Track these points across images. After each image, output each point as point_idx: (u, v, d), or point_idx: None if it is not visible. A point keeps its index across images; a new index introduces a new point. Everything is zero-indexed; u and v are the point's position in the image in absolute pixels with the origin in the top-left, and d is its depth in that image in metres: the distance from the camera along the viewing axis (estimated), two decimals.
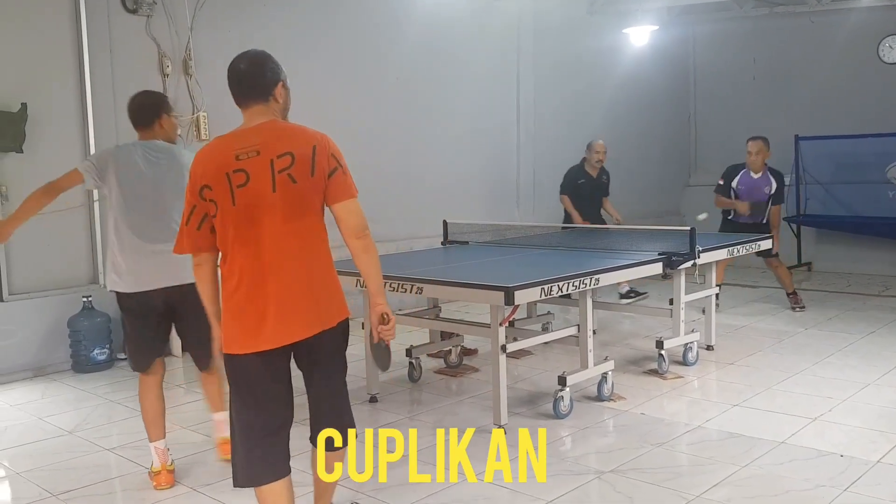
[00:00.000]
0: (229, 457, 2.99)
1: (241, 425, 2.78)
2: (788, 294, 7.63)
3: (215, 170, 2.70)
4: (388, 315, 2.89)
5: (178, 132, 4.05)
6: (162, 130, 3.96)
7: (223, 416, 3.96)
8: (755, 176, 7.38)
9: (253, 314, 2.68)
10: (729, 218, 7.51)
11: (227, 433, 3.64)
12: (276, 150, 2.69)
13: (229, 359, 2.75)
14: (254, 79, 2.86)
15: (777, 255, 7.35)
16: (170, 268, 3.72)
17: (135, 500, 3.69)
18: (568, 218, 7.85)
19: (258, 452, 2.76)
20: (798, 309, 7.52)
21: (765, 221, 7.39)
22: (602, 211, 8.14)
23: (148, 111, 3.94)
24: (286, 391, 2.82)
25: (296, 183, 2.67)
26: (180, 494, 3.74)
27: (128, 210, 3.79)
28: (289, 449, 2.84)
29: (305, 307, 2.72)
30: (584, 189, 7.92)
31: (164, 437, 3.88)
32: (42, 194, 3.86)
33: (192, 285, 3.18)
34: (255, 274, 2.68)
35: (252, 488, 2.81)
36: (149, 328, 3.88)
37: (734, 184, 7.44)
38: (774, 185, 7.33)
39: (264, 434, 2.77)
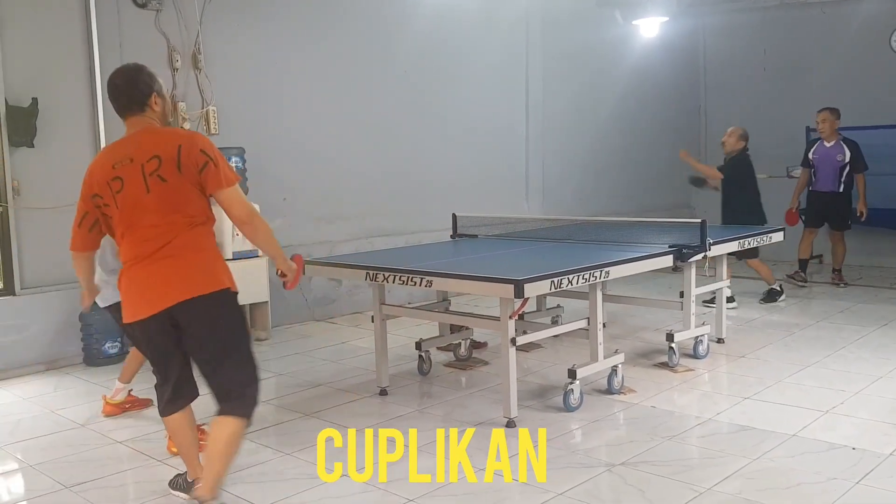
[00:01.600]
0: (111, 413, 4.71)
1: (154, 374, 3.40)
2: (835, 270, 8.35)
3: (100, 179, 3.14)
4: (282, 272, 3.40)
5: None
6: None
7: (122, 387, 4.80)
8: (828, 145, 8.10)
9: (136, 291, 3.14)
10: (810, 189, 8.27)
11: (119, 398, 4.80)
12: (146, 155, 3.07)
13: (128, 326, 3.26)
14: (128, 93, 3.19)
15: (843, 230, 8.24)
16: None
17: (146, 493, 3.71)
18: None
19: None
20: (842, 286, 8.22)
21: (841, 190, 8.09)
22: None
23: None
24: (172, 346, 3.22)
25: (166, 182, 3.05)
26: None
27: None
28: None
29: (179, 280, 3.09)
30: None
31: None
32: None
33: None
34: (140, 260, 3.12)
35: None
36: None
37: (810, 154, 8.23)
38: (848, 154, 7.99)
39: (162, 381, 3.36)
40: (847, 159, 7.99)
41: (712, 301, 7.23)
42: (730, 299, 7.39)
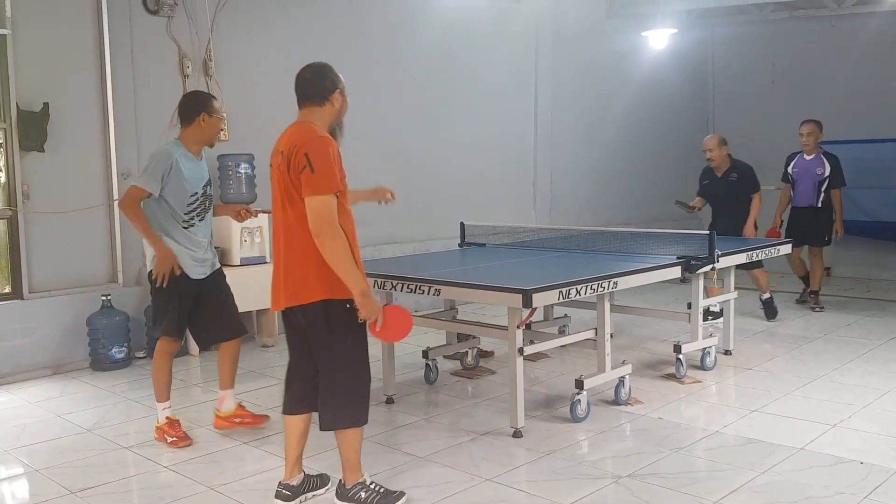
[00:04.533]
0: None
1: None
2: (812, 292, 7.82)
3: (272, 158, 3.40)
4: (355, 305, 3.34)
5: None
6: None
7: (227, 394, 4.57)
8: (808, 158, 7.72)
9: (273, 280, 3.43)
10: (792, 205, 7.89)
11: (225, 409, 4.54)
12: (280, 148, 3.29)
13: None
14: (311, 85, 3.38)
15: (822, 247, 7.76)
16: None
17: (152, 499, 3.71)
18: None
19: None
20: (818, 309, 7.71)
21: (819, 206, 7.68)
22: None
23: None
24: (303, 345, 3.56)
25: (282, 176, 3.25)
26: (199, 493, 3.75)
27: None
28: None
29: (280, 284, 3.36)
30: (710, 189, 7.43)
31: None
32: None
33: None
34: (275, 247, 3.39)
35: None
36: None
37: (790, 168, 7.83)
38: (828, 168, 7.62)
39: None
40: (827, 173, 7.57)
41: (709, 313, 7.11)
42: (717, 314, 7.04)
